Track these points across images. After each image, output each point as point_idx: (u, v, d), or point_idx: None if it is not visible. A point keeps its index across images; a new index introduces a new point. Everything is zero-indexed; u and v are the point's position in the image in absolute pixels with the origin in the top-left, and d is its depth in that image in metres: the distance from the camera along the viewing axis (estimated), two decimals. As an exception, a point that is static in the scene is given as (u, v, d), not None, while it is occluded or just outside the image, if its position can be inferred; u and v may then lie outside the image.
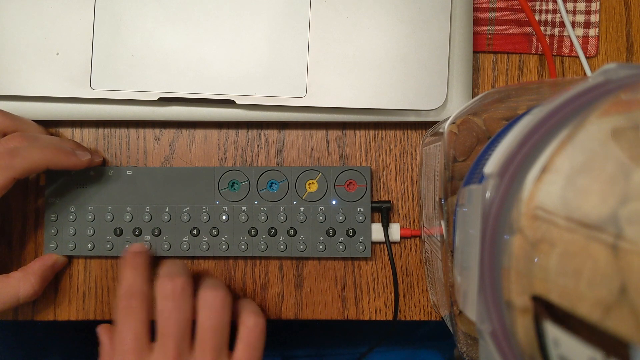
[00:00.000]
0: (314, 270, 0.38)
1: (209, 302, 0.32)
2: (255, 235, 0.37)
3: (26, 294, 0.34)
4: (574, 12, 0.38)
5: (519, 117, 0.24)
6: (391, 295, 0.38)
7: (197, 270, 0.38)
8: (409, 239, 0.38)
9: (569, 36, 0.38)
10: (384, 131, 0.38)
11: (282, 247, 0.37)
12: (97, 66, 0.35)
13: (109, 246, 0.37)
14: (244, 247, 0.37)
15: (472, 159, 0.27)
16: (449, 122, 0.29)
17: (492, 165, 0.21)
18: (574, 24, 0.38)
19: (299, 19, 0.35)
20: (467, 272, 0.22)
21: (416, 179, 0.38)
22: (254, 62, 0.35)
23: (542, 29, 0.38)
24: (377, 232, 0.37)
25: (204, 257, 0.38)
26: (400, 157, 0.38)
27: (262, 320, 0.33)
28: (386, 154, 0.38)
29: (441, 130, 0.29)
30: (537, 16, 0.38)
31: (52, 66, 0.35)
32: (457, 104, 0.36)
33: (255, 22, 0.35)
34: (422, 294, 0.38)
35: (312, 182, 0.37)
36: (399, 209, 0.38)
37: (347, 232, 0.37)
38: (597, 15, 0.38)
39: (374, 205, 0.37)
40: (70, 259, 0.38)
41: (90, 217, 0.37)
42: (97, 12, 0.35)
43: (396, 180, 0.38)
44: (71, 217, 0.37)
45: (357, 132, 0.38)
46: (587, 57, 0.38)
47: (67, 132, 0.39)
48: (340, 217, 0.37)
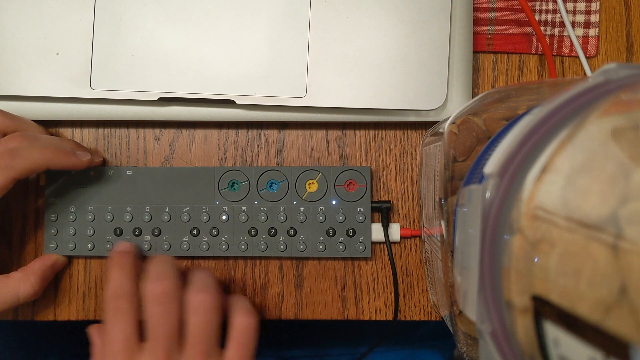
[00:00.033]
0: (314, 270, 0.38)
1: (198, 307, 0.31)
2: (255, 235, 0.37)
3: (26, 294, 0.34)
4: (574, 12, 0.38)
5: (519, 117, 0.24)
6: (391, 295, 0.38)
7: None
8: (409, 239, 0.38)
9: (569, 36, 0.38)
10: (384, 131, 0.38)
11: (282, 247, 0.37)
12: (97, 66, 0.35)
13: (109, 246, 0.37)
14: (244, 247, 0.37)
15: (472, 159, 0.27)
16: (449, 122, 0.29)
17: (492, 165, 0.21)
18: (574, 24, 0.38)
19: (299, 19, 0.35)
20: (467, 272, 0.22)
21: (416, 179, 0.38)
22: (254, 62, 0.35)
23: (542, 29, 0.38)
24: (377, 232, 0.37)
25: (204, 257, 0.38)
26: (400, 157, 0.38)
27: (254, 319, 0.33)
28: (386, 154, 0.38)
29: (441, 130, 0.29)
30: (537, 16, 0.38)
31: (52, 66, 0.35)
32: (457, 104, 0.36)
33: (255, 22, 0.35)
34: (422, 294, 0.38)
35: (312, 182, 0.37)
36: (399, 209, 0.38)
37: (347, 232, 0.37)
38: (597, 15, 0.38)
39: (374, 205, 0.37)
40: (70, 259, 0.38)
41: (90, 217, 0.37)
42: (97, 12, 0.35)
43: (396, 180, 0.38)
44: (71, 217, 0.37)
45: (357, 132, 0.38)
46: (587, 57, 0.38)
47: (67, 132, 0.39)
48: (340, 217, 0.37)
